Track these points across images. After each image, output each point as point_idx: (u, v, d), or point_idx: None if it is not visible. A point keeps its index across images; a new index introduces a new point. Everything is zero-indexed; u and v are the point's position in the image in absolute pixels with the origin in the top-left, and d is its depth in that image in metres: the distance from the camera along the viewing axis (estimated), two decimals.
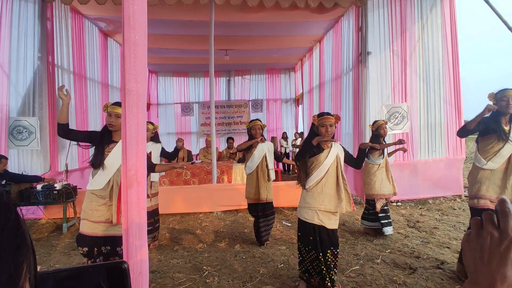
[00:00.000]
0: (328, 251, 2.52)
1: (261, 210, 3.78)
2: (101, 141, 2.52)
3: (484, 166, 2.73)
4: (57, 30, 5.71)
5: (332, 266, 2.53)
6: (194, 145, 11.26)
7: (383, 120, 4.23)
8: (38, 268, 0.54)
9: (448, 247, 3.50)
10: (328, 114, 2.61)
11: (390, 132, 5.83)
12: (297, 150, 10.00)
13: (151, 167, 2.93)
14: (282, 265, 3.19)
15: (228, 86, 11.78)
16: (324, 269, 2.49)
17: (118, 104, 2.50)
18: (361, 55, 5.80)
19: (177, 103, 11.59)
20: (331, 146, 2.63)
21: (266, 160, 3.78)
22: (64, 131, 2.48)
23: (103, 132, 2.58)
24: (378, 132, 4.06)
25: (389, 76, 5.85)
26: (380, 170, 4.02)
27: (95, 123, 6.93)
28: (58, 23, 5.74)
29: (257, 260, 3.34)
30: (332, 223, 2.56)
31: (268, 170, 3.79)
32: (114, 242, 2.51)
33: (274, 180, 4.06)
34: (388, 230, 3.90)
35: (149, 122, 3.68)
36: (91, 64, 6.86)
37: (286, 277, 2.92)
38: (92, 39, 6.90)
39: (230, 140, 8.00)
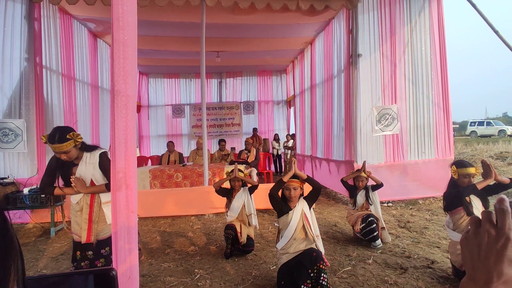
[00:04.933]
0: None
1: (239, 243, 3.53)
2: (65, 170, 2.48)
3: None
4: (45, 31, 5.60)
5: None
6: (186, 147, 11.20)
7: (367, 173, 3.84)
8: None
9: (438, 247, 3.55)
10: (294, 177, 2.68)
11: (380, 134, 5.90)
12: (289, 151, 10.12)
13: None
14: (275, 267, 3.17)
15: (220, 87, 11.75)
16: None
17: (52, 140, 2.25)
18: (352, 57, 5.85)
19: (168, 105, 11.51)
20: (297, 204, 2.70)
21: (245, 209, 3.64)
22: (45, 192, 2.63)
23: (63, 163, 2.44)
24: (355, 184, 3.89)
25: (379, 78, 5.91)
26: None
27: (85, 125, 6.83)
28: (46, 23, 5.63)
29: (249, 263, 3.33)
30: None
31: (247, 216, 3.65)
32: (97, 245, 2.50)
33: (267, 182, 4.03)
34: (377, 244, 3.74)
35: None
36: (80, 65, 6.76)
37: None
38: (81, 40, 6.80)
39: (222, 142, 7.97)
